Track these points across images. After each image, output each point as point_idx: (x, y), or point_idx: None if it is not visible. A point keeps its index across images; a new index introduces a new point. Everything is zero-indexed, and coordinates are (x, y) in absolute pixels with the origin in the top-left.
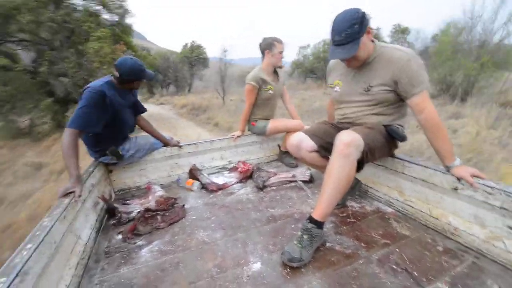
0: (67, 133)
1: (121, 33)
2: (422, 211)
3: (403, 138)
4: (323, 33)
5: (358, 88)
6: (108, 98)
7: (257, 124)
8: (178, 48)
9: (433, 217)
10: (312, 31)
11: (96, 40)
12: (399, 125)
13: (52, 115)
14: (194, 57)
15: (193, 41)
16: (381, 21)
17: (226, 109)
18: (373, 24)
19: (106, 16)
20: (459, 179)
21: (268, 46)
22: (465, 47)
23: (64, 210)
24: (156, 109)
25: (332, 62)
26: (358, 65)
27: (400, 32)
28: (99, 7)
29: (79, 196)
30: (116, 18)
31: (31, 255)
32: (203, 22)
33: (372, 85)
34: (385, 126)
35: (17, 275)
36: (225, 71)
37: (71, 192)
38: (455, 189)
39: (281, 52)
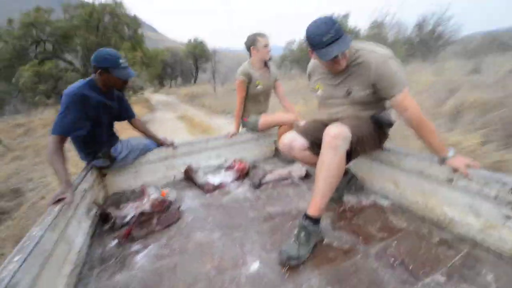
0: (50, 141)
1: (135, 43)
2: (418, 203)
3: (390, 123)
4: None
5: (339, 92)
6: (87, 99)
7: (249, 119)
8: (184, 38)
9: (428, 208)
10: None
11: (122, 50)
12: (385, 114)
13: None
14: (198, 52)
15: (196, 38)
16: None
17: (215, 96)
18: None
19: (126, 30)
20: (454, 170)
21: (252, 42)
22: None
23: (55, 218)
24: (164, 98)
25: (310, 65)
26: (344, 67)
27: (377, 28)
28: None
29: (70, 202)
30: (131, 32)
31: (19, 268)
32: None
33: (352, 90)
34: (371, 116)
35: None
36: (215, 66)
37: (62, 199)
38: (450, 180)
39: (266, 46)
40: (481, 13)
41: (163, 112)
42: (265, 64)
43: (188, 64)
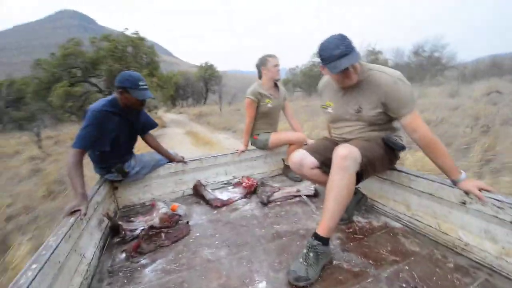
0: (71, 153)
1: (152, 69)
2: (430, 226)
3: (401, 147)
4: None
5: (350, 109)
6: (109, 115)
7: (259, 137)
8: (197, 61)
9: (442, 232)
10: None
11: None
12: (397, 136)
13: None
14: (207, 76)
15: (206, 62)
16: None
17: (220, 115)
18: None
19: (144, 59)
20: (467, 193)
21: (262, 62)
22: None
23: (70, 229)
24: (175, 117)
25: (322, 83)
26: (354, 82)
27: (374, 54)
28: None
29: (85, 214)
30: (149, 59)
31: (35, 276)
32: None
33: (362, 107)
34: (382, 138)
35: None
36: (221, 89)
37: (76, 211)
38: (463, 203)
39: (276, 65)
40: (486, 39)
41: (173, 129)
42: (275, 84)
43: (199, 86)
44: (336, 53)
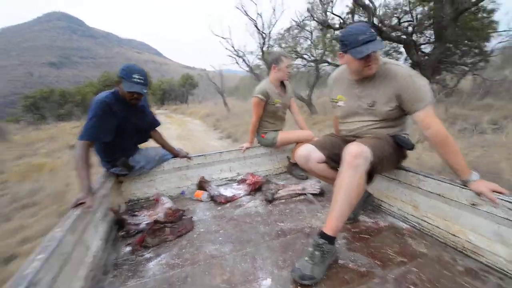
0: (78, 146)
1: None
2: (439, 228)
3: (411, 147)
4: None
5: (363, 104)
6: (113, 107)
7: (267, 136)
8: (186, 60)
9: (451, 234)
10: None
11: None
12: (405, 134)
13: None
14: (187, 84)
15: (187, 73)
16: None
17: (187, 108)
18: None
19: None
20: (478, 194)
21: (274, 60)
22: None
23: (75, 222)
24: (162, 111)
25: (333, 76)
26: (373, 73)
27: None
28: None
29: (90, 207)
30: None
31: (41, 266)
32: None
33: (376, 101)
34: (392, 136)
35: (27, 286)
36: (187, 92)
37: (82, 203)
38: (474, 204)
39: (288, 67)
40: None
41: (158, 116)
42: (282, 82)
43: (181, 91)
44: (361, 38)
